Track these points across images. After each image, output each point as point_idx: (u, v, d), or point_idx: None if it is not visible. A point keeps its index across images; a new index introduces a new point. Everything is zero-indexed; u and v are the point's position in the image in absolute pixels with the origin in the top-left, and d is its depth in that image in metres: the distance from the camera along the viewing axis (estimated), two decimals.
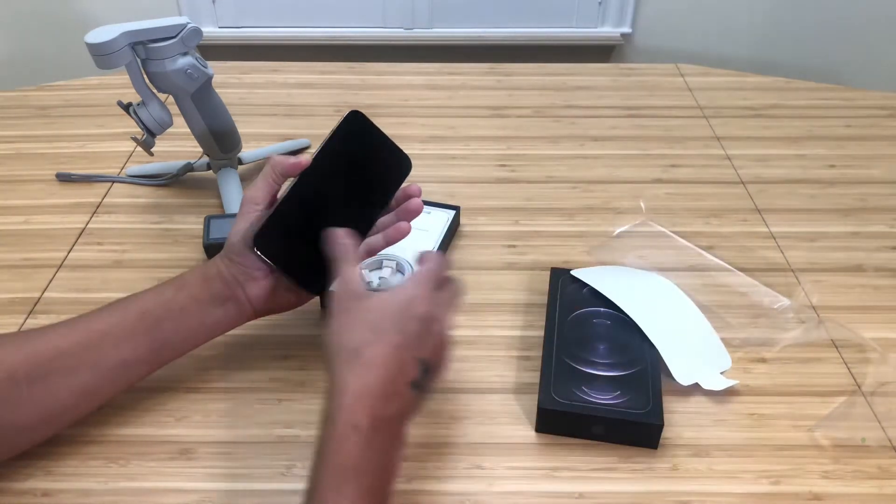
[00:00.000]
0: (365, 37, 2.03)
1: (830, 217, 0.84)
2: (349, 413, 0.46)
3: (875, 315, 0.71)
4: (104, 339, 0.55)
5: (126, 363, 0.56)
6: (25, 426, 0.53)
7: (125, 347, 0.55)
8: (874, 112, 1.04)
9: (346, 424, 0.45)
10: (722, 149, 0.96)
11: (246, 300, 0.58)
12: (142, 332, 0.56)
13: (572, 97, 1.08)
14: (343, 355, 0.48)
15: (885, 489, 0.56)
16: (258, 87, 1.10)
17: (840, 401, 0.62)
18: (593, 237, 0.80)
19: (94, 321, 0.56)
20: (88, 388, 0.55)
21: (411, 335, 0.49)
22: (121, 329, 0.56)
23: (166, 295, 0.57)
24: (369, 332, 0.49)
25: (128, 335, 0.56)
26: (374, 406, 0.46)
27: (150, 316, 0.56)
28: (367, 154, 0.61)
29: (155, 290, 0.58)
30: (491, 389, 0.63)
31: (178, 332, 0.57)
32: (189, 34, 0.75)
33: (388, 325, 0.49)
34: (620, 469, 0.57)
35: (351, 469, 0.45)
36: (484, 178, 0.89)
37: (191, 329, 0.58)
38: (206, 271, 0.58)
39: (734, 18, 2.01)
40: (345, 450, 0.45)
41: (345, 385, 0.47)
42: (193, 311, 0.57)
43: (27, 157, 0.94)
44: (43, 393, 0.53)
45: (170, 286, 0.58)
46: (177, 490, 0.55)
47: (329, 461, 0.45)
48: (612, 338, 0.64)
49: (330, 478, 0.44)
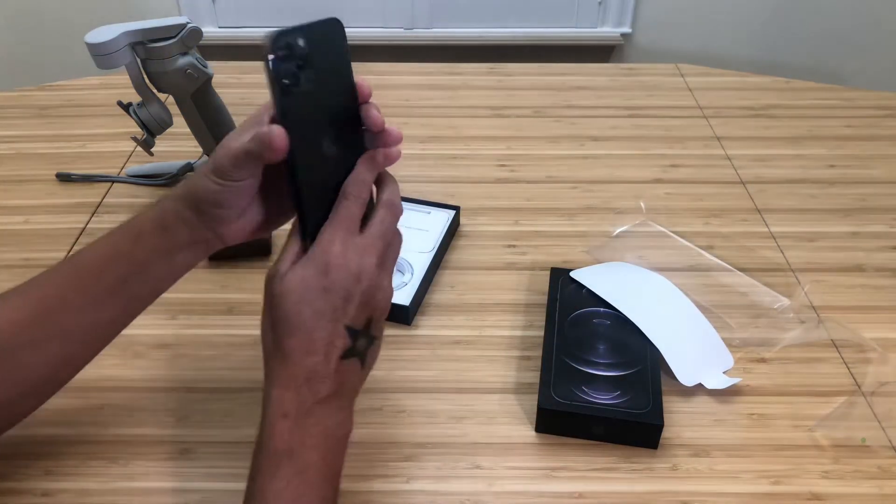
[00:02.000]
0: (365, 37, 2.03)
1: (830, 217, 0.84)
2: (278, 404, 0.45)
3: (875, 315, 0.71)
4: (65, 306, 0.52)
5: (96, 325, 0.53)
6: (4, 403, 0.52)
7: (90, 311, 0.53)
8: (874, 112, 1.04)
9: (276, 414, 0.45)
10: (722, 149, 0.96)
11: (216, 238, 0.52)
12: (105, 294, 0.53)
13: (572, 97, 1.08)
14: (267, 345, 0.47)
15: (885, 489, 0.56)
16: (258, 87, 1.10)
17: (840, 401, 0.62)
18: (593, 237, 0.80)
19: (47, 286, 0.53)
20: (62, 356, 0.53)
21: (329, 311, 0.46)
22: (79, 293, 0.52)
23: (121, 248, 0.52)
24: (285, 323, 0.46)
25: (90, 299, 0.52)
26: (300, 392, 0.46)
27: (111, 275, 0.52)
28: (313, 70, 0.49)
29: (105, 243, 0.53)
30: (491, 389, 0.63)
31: (145, 286, 0.53)
32: (189, 34, 0.75)
33: (307, 312, 0.46)
34: (620, 469, 0.57)
35: (284, 453, 0.44)
36: (484, 178, 0.89)
37: (158, 279, 0.53)
38: (163, 219, 0.51)
39: (734, 18, 2.01)
40: (276, 435, 0.45)
41: (271, 375, 0.46)
42: (157, 262, 0.52)
43: (27, 157, 0.94)
44: (13, 368, 0.51)
45: (123, 237, 0.52)
46: (177, 490, 0.55)
47: (263, 448, 0.45)
48: (612, 338, 0.64)
49: (265, 465, 0.44)
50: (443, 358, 0.66)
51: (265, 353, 0.47)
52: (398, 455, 0.58)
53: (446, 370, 0.65)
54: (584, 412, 0.57)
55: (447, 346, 0.67)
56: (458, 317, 0.70)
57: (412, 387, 0.63)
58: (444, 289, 0.73)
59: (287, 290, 0.46)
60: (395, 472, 0.57)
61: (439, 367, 0.65)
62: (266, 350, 0.47)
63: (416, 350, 0.67)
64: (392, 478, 0.56)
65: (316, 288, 0.46)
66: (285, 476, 0.44)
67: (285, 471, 0.44)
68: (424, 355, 0.66)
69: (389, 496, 0.55)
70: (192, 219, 0.51)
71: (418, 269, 0.72)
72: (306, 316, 0.46)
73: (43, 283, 0.53)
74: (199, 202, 0.51)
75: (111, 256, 0.53)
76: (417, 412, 0.61)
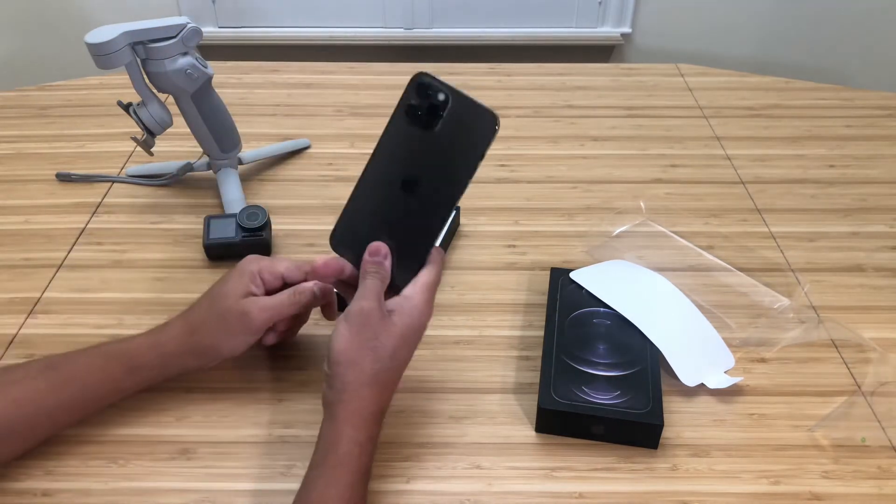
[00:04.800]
0: (365, 37, 2.03)
1: (830, 217, 0.84)
2: (368, 426, 0.51)
3: (875, 315, 0.71)
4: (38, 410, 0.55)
5: (64, 424, 0.58)
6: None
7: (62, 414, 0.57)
8: (874, 112, 1.04)
9: (366, 436, 0.51)
10: (722, 149, 0.96)
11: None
12: (81, 407, 0.57)
13: (572, 97, 1.08)
14: (359, 374, 0.51)
15: (885, 489, 0.56)
16: (258, 87, 1.10)
17: (840, 401, 0.62)
18: (593, 237, 0.80)
19: (24, 386, 0.55)
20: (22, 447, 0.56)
21: (416, 345, 0.55)
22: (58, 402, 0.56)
23: (113, 374, 0.58)
24: (388, 358, 0.52)
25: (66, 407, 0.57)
26: (377, 421, 0.53)
27: (93, 393, 0.57)
28: (439, 122, 0.52)
29: (97, 367, 0.58)
30: (491, 389, 0.63)
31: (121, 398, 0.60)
32: (189, 34, 0.75)
33: (404, 353, 0.53)
34: (620, 469, 0.57)
35: (358, 471, 0.50)
36: (484, 178, 0.89)
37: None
38: (164, 365, 0.59)
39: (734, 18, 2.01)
40: (363, 459, 0.51)
41: (359, 402, 0.51)
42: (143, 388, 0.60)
43: (27, 157, 0.94)
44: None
45: (117, 365, 0.58)
46: (177, 490, 0.55)
47: (346, 465, 0.50)
48: (612, 338, 0.64)
49: (348, 478, 0.50)
50: (443, 358, 0.66)
51: (346, 370, 0.51)
52: (398, 455, 0.58)
53: (446, 370, 0.65)
54: (584, 412, 0.57)
55: (447, 346, 0.67)
56: (458, 317, 0.70)
57: (412, 387, 0.63)
58: (444, 289, 0.73)
59: (410, 325, 0.53)
60: (395, 472, 0.57)
61: (439, 367, 0.65)
62: (350, 368, 0.51)
63: (416, 350, 0.67)
64: (392, 478, 0.56)
65: (423, 330, 0.55)
66: (360, 493, 0.50)
67: (360, 487, 0.51)
68: (424, 355, 0.66)
69: (389, 496, 0.55)
70: (193, 367, 0.59)
71: None
72: (411, 350, 0.54)
73: (20, 381, 0.56)
74: (215, 360, 0.59)
75: (100, 380, 0.58)
76: (417, 412, 0.61)
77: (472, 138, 0.51)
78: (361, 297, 0.52)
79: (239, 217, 0.76)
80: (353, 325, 0.51)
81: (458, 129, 0.52)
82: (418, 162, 0.53)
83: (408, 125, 0.53)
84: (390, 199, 0.54)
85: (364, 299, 0.52)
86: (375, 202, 0.55)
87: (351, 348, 0.51)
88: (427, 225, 0.53)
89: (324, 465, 0.50)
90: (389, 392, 0.53)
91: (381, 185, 0.54)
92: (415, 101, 0.52)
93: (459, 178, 0.52)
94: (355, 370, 0.51)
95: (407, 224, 0.54)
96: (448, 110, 0.52)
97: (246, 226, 0.75)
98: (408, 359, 0.54)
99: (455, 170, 0.52)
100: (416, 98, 0.52)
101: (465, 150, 0.52)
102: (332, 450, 0.50)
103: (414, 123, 0.53)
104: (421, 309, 0.53)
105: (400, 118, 0.53)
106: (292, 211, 0.84)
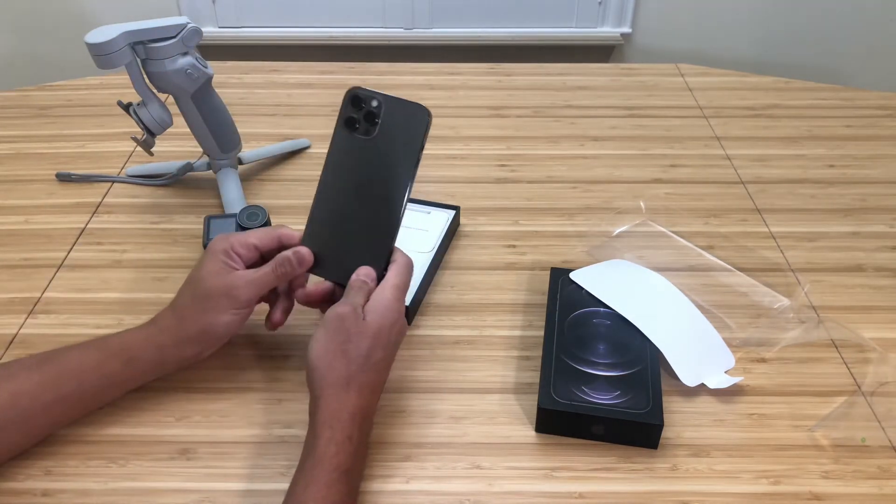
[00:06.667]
0: (365, 37, 2.03)
1: (830, 217, 0.84)
2: (345, 427, 0.52)
3: (875, 315, 0.71)
4: (34, 403, 0.55)
5: (60, 420, 0.58)
6: None
7: (57, 408, 0.57)
8: (873, 112, 1.04)
9: (343, 436, 0.51)
10: (722, 149, 0.96)
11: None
12: (78, 400, 0.58)
13: (572, 97, 1.08)
14: (338, 378, 0.53)
15: (885, 489, 0.56)
16: (258, 87, 1.10)
17: (840, 401, 0.62)
18: (593, 237, 0.80)
19: (20, 380, 0.55)
20: (18, 442, 0.57)
21: (392, 347, 0.56)
22: (53, 394, 0.56)
23: (111, 369, 0.58)
24: (363, 358, 0.53)
25: (61, 401, 0.56)
26: (365, 419, 0.53)
27: (89, 386, 0.57)
28: (377, 128, 0.57)
29: (91, 359, 0.58)
30: (491, 389, 0.63)
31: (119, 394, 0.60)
32: (189, 34, 0.75)
33: (379, 353, 0.54)
34: (620, 469, 0.57)
35: (345, 472, 0.51)
36: (484, 178, 0.89)
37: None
38: (161, 358, 0.59)
39: (734, 18, 2.01)
40: (340, 457, 0.51)
41: (336, 404, 0.52)
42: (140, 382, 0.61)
43: (27, 157, 0.94)
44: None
45: (114, 359, 0.58)
46: (177, 490, 0.55)
47: (322, 464, 0.50)
48: (612, 338, 0.64)
49: (324, 477, 0.50)
50: (442, 358, 0.66)
51: (326, 373, 0.53)
52: (398, 455, 0.58)
53: (446, 370, 0.65)
54: (584, 412, 0.57)
55: (447, 346, 0.67)
56: (458, 317, 0.70)
57: (412, 387, 0.63)
58: (444, 289, 0.73)
59: (383, 325, 0.55)
60: (394, 472, 0.57)
61: (439, 367, 0.65)
62: (330, 372, 0.53)
63: (415, 350, 0.67)
64: (392, 478, 0.56)
65: (398, 328, 0.56)
66: (340, 490, 0.50)
67: (340, 486, 0.50)
68: (424, 355, 0.66)
69: (389, 496, 0.55)
70: (191, 355, 0.59)
71: (418, 269, 0.72)
72: (388, 349, 0.55)
73: (16, 375, 0.56)
74: (212, 343, 0.59)
75: (97, 374, 0.58)
76: (417, 412, 0.61)
77: (410, 134, 0.57)
78: (339, 303, 0.55)
79: (239, 217, 0.76)
80: (328, 330, 0.54)
81: (396, 129, 0.57)
82: (365, 167, 0.58)
83: (349, 137, 0.58)
84: (347, 208, 0.58)
85: (340, 305, 0.55)
86: (333, 212, 0.59)
87: (327, 351, 0.53)
88: (385, 223, 0.58)
89: (303, 467, 0.51)
90: (369, 393, 0.54)
91: (337, 195, 0.58)
92: (352, 113, 0.58)
93: (405, 173, 0.57)
94: (331, 372, 0.53)
95: (366, 226, 0.58)
96: (383, 114, 0.57)
97: (246, 226, 0.75)
98: (385, 359, 0.55)
99: (400, 167, 0.57)
100: (353, 110, 0.58)
101: (405, 146, 0.57)
102: (310, 452, 0.51)
103: (354, 133, 0.58)
104: (390, 307, 0.55)
105: (341, 132, 0.58)
106: (292, 211, 0.84)
